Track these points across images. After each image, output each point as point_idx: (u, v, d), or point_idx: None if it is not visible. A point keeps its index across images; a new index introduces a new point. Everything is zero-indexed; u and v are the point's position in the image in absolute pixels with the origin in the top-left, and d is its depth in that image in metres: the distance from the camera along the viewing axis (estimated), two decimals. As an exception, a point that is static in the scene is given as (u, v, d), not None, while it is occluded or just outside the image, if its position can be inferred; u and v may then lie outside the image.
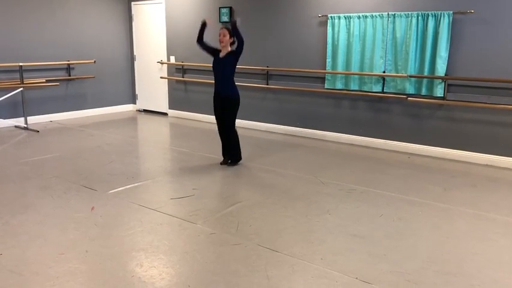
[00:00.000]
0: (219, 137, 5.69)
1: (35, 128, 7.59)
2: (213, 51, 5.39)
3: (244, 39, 5.20)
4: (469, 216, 4.09)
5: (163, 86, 9.26)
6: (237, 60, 5.28)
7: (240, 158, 5.60)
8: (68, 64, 8.50)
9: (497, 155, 5.73)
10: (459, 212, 4.19)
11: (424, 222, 3.95)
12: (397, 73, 6.26)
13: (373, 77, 6.47)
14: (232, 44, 5.31)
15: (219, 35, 5.25)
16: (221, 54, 5.33)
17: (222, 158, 5.66)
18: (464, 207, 4.30)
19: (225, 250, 3.38)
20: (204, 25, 5.40)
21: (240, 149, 5.58)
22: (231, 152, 5.54)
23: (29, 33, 7.92)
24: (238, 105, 5.42)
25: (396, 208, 4.26)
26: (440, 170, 5.55)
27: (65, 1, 8.36)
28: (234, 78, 5.39)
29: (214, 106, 5.50)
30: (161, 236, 3.62)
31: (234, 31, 5.19)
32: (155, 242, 3.49)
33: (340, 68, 6.75)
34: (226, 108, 5.37)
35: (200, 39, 5.40)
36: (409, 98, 6.21)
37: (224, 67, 5.27)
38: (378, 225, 3.87)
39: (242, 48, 5.21)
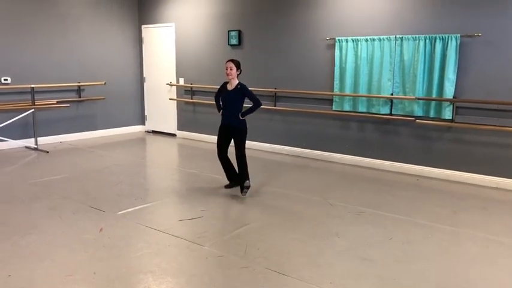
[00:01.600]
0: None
1: (45, 149, 7.66)
2: (221, 91, 5.46)
3: (259, 103, 5.31)
4: (479, 240, 4.04)
5: (172, 107, 9.34)
6: (244, 96, 5.33)
7: (248, 179, 5.51)
8: (79, 86, 8.62)
9: (506, 177, 5.69)
10: (469, 236, 4.14)
11: (434, 245, 3.91)
12: (405, 95, 6.28)
13: (381, 99, 6.49)
14: (238, 75, 5.35)
15: (226, 69, 5.29)
16: (229, 87, 5.35)
17: (227, 181, 5.64)
18: (474, 231, 4.25)
19: (233, 273, 3.35)
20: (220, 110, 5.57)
21: (247, 172, 5.51)
22: (241, 180, 5.40)
23: (41, 55, 8.06)
24: (246, 134, 5.40)
25: (405, 231, 4.22)
26: (449, 193, 5.51)
27: (77, 24, 8.53)
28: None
29: (219, 134, 5.46)
30: (169, 258, 3.61)
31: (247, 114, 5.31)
32: (163, 264, 3.48)
33: (347, 90, 6.78)
34: (234, 137, 5.35)
35: (218, 102, 5.56)
36: (417, 120, 6.21)
37: (233, 101, 5.28)
38: (387, 248, 3.84)
39: (250, 98, 5.31)
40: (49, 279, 3.23)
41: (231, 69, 5.26)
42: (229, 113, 5.34)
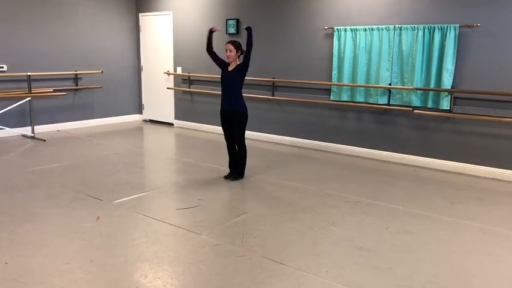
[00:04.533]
0: (225, 148, 5.70)
1: (42, 137, 7.64)
2: (222, 63, 5.38)
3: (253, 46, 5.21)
4: (476, 230, 4.06)
5: (170, 96, 9.31)
6: (245, 71, 5.27)
7: (243, 175, 5.56)
8: (76, 74, 8.57)
9: (503, 168, 5.70)
10: (466, 226, 4.16)
11: (431, 235, 3.92)
12: (403, 85, 6.27)
13: (379, 89, 6.48)
14: (239, 56, 5.32)
15: (226, 51, 5.26)
16: (229, 68, 5.34)
17: (227, 171, 5.63)
18: (471, 221, 4.27)
19: (229, 262, 3.36)
20: (210, 32, 5.36)
21: (245, 166, 5.56)
22: (238, 167, 5.51)
23: (38, 43, 8.00)
24: (247, 119, 5.37)
25: (402, 221, 4.24)
26: (446, 183, 5.52)
27: (74, 12, 8.46)
28: (242, 90, 5.38)
29: (221, 122, 5.47)
30: (166, 246, 3.61)
31: (250, 35, 5.17)
32: (160, 253, 3.49)
33: (346, 80, 6.76)
34: (234, 123, 5.34)
35: (210, 48, 5.38)
36: (415, 111, 6.21)
37: (232, 80, 5.26)
38: (383, 238, 3.85)
39: (249, 57, 5.17)
40: (46, 267, 3.23)
41: (230, 52, 5.23)
42: (228, 95, 5.31)
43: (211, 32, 5.36)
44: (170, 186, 5.22)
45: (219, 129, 5.62)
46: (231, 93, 5.28)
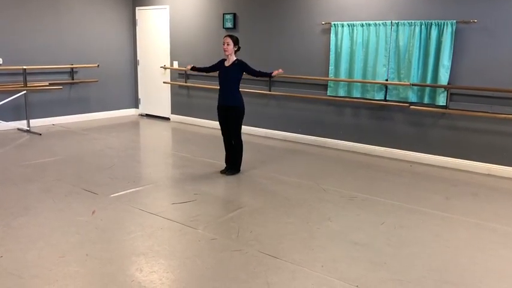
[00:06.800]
0: (221, 143, 5.69)
1: (37, 131, 7.61)
2: (218, 67, 5.42)
3: (262, 72, 5.49)
4: (470, 226, 4.08)
5: (166, 90, 9.28)
6: (243, 73, 5.31)
7: (239, 170, 5.57)
8: (72, 68, 8.53)
9: (498, 164, 5.72)
10: (460, 221, 4.18)
11: (425, 230, 3.94)
12: (400, 81, 6.27)
13: (376, 84, 6.48)
14: (236, 52, 5.31)
15: (223, 44, 5.24)
16: (227, 63, 5.32)
17: (223, 165, 5.62)
18: (466, 217, 4.29)
19: (225, 256, 3.37)
20: (193, 69, 5.70)
21: (241, 161, 5.56)
22: (234, 162, 5.51)
23: (33, 36, 7.95)
24: (243, 114, 5.38)
25: (397, 216, 4.25)
26: (441, 179, 5.54)
27: (70, 5, 8.41)
28: (240, 85, 5.38)
29: (218, 116, 5.46)
30: (162, 240, 3.62)
31: (265, 74, 5.52)
32: (155, 247, 3.49)
33: (342, 76, 6.76)
34: (230, 118, 5.34)
35: (207, 71, 5.62)
36: (411, 107, 6.22)
37: (230, 76, 5.26)
38: (379, 233, 3.86)
39: (252, 73, 5.39)
40: (41, 260, 3.23)
41: (228, 45, 5.23)
42: (225, 90, 5.31)
43: (193, 68, 5.70)
44: (166, 181, 5.21)
45: (216, 123, 5.62)
46: (228, 88, 5.28)
